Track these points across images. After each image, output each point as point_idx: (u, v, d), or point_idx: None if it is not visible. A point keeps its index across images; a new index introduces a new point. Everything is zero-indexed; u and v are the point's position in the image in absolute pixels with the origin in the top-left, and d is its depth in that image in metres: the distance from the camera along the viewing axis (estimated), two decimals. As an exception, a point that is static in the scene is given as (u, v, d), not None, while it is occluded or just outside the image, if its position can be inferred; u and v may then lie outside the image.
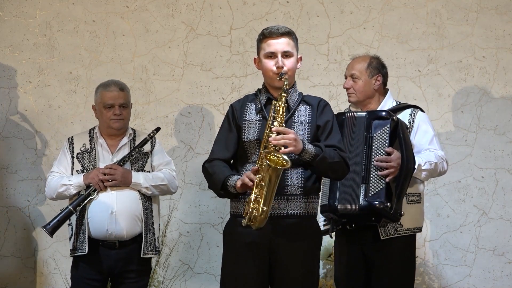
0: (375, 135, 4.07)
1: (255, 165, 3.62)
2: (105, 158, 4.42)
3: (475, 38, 5.32)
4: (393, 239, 4.13)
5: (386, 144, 4.05)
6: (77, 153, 4.42)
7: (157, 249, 4.39)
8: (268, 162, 3.49)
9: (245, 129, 3.77)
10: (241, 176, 3.64)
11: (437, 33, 5.33)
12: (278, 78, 3.69)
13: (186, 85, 5.36)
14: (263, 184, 3.52)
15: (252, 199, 3.54)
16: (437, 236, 5.26)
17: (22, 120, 5.28)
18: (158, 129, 4.49)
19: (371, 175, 4.02)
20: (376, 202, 3.99)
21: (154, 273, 5.00)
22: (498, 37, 5.32)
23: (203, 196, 5.28)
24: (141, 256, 4.32)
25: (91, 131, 4.50)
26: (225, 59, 5.38)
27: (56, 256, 5.21)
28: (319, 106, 3.78)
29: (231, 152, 3.80)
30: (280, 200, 3.66)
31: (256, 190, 3.54)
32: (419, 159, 4.15)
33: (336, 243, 4.32)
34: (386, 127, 4.06)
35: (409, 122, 4.24)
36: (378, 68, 4.30)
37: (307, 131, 3.72)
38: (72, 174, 4.40)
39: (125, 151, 4.43)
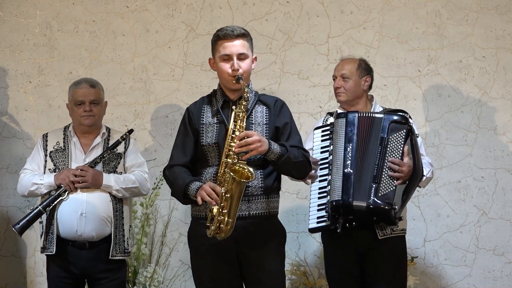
0: (391, 137, 4.11)
1: (215, 169, 3.63)
2: (78, 157, 4.42)
3: (475, 38, 5.32)
4: (389, 238, 4.21)
5: (401, 148, 4.10)
6: (50, 152, 4.44)
7: (126, 250, 4.39)
8: (233, 175, 3.49)
9: (203, 133, 3.77)
10: (201, 182, 3.66)
11: (437, 33, 5.33)
12: (234, 81, 3.69)
13: (186, 85, 5.36)
14: (228, 196, 3.52)
15: (218, 212, 3.55)
16: (437, 236, 5.26)
17: (22, 120, 5.28)
18: (131, 131, 4.52)
19: (383, 176, 4.05)
20: (385, 203, 4.02)
21: (154, 273, 5.00)
22: (498, 37, 5.32)
23: (203, 196, 5.27)
24: (110, 258, 4.32)
25: (65, 129, 4.51)
26: (225, 59, 5.37)
27: (56, 256, 5.21)
28: (275, 106, 3.80)
29: (189, 156, 3.80)
30: (241, 201, 3.64)
31: (221, 202, 3.55)
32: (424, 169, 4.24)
33: (327, 242, 4.33)
34: (402, 132, 4.11)
35: None
36: (367, 69, 4.43)
37: (265, 132, 3.73)
38: (44, 172, 4.41)
39: (98, 150, 4.44)
